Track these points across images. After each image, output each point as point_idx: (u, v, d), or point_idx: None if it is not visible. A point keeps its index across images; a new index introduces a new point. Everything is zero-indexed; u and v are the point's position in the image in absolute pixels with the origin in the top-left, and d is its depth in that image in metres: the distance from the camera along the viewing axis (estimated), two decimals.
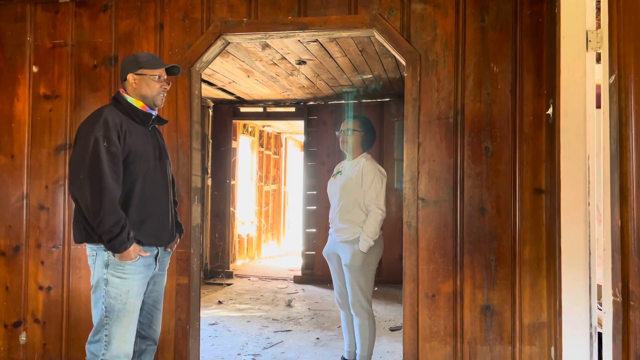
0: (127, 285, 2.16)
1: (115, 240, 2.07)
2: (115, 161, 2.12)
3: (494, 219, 2.67)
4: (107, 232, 2.06)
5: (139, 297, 2.22)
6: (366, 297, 3.07)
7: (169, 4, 2.96)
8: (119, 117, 2.20)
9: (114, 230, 2.06)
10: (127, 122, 2.22)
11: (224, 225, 6.73)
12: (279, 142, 9.56)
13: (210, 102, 6.63)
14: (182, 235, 2.53)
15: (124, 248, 2.09)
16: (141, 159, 2.22)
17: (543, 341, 2.60)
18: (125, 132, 2.17)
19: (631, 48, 1.53)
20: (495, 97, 2.68)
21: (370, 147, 3.28)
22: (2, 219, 3.09)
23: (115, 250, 2.09)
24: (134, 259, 2.15)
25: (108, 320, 2.14)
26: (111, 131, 2.12)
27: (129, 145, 2.17)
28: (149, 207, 2.24)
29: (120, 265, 2.14)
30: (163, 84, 2.31)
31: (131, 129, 2.22)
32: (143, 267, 2.21)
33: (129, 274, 2.16)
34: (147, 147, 2.27)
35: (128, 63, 2.30)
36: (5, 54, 3.11)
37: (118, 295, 2.14)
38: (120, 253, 2.10)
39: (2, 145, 3.10)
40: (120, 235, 2.07)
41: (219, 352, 3.72)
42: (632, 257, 1.51)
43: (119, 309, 2.14)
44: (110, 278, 2.15)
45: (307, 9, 2.82)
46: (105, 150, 2.09)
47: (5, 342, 3.08)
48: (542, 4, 2.63)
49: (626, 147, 1.54)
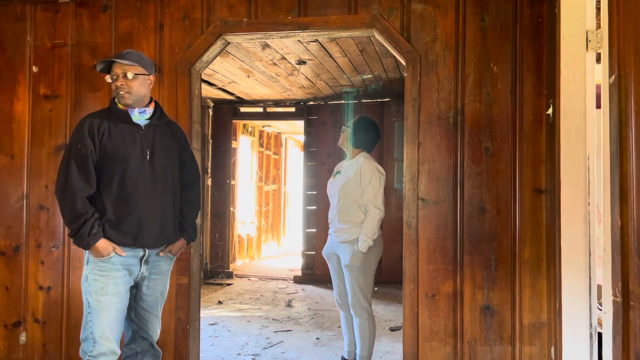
0: (101, 282, 2.18)
1: (76, 235, 2.14)
2: (85, 162, 2.17)
3: (494, 219, 2.67)
4: (70, 229, 2.16)
5: (115, 296, 2.20)
6: (366, 297, 3.07)
7: (169, 4, 2.96)
8: (100, 119, 2.24)
9: (73, 226, 2.14)
10: (111, 122, 2.24)
11: (224, 225, 6.73)
12: (279, 142, 9.56)
13: (210, 102, 6.63)
14: (190, 240, 2.46)
15: (86, 243, 2.13)
16: (119, 159, 2.21)
17: (543, 341, 2.60)
18: (103, 132, 2.21)
19: (631, 48, 1.53)
20: (495, 97, 2.68)
21: (368, 148, 3.24)
22: (2, 219, 3.09)
23: (79, 245, 2.16)
24: (106, 256, 2.17)
25: (90, 317, 2.18)
26: (85, 134, 2.19)
27: (105, 146, 2.21)
28: (127, 207, 2.21)
29: (95, 263, 2.19)
30: (114, 82, 2.26)
31: (112, 129, 2.23)
32: (121, 266, 2.21)
33: (104, 271, 2.19)
34: (129, 147, 2.23)
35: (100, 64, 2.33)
36: (5, 54, 3.11)
37: (93, 291, 2.18)
38: (83, 248, 2.16)
39: (2, 145, 3.10)
40: (80, 230, 2.12)
41: (219, 352, 3.72)
42: (632, 257, 1.51)
43: (94, 306, 2.17)
44: (88, 275, 2.21)
45: (307, 9, 2.82)
46: (76, 152, 2.17)
47: (5, 342, 3.08)
48: (542, 4, 2.63)
49: (626, 147, 1.54)
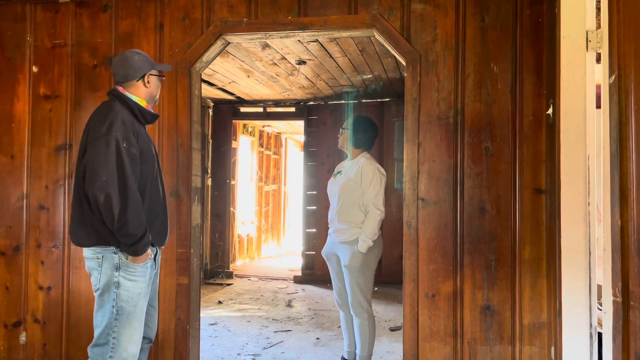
0: (138, 287, 2.15)
1: (139, 244, 2.06)
2: (135, 163, 2.09)
3: (494, 219, 2.67)
4: (130, 235, 2.04)
5: (147, 298, 2.22)
6: (366, 297, 3.07)
7: (169, 4, 2.96)
8: (129, 117, 2.16)
9: (138, 233, 2.04)
10: (135, 122, 2.20)
11: (224, 225, 6.74)
12: (279, 142, 9.56)
13: (210, 102, 6.63)
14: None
15: (144, 251, 2.09)
16: (149, 161, 2.20)
17: (543, 341, 2.60)
18: (136, 133, 2.14)
19: (631, 48, 1.53)
20: (495, 97, 2.68)
21: (368, 147, 3.24)
22: (2, 219, 3.09)
23: (137, 253, 2.08)
24: (146, 261, 2.15)
25: (117, 323, 2.11)
26: (129, 132, 2.09)
27: (140, 147, 2.15)
28: (155, 208, 2.25)
29: (132, 268, 2.12)
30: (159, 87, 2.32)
31: (139, 130, 2.20)
32: (149, 268, 2.21)
33: (139, 276, 2.15)
34: (150, 148, 2.26)
35: (142, 62, 2.24)
36: (5, 54, 3.11)
37: (130, 298, 2.12)
38: (140, 255, 2.09)
39: (2, 145, 3.10)
40: (143, 239, 2.06)
41: (219, 352, 3.72)
42: (632, 257, 1.51)
43: (130, 312, 2.12)
44: (122, 281, 2.11)
45: (307, 9, 2.82)
46: (126, 152, 2.05)
47: (5, 342, 3.08)
48: (542, 4, 2.63)
49: (626, 147, 1.54)
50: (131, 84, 2.25)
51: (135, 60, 2.24)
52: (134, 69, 2.24)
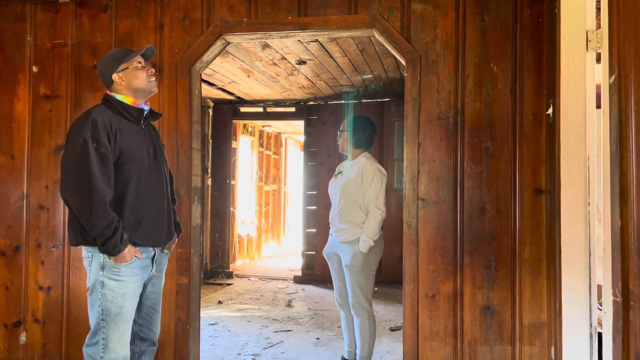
0: (123, 288, 2.13)
1: (108, 243, 2.04)
2: (106, 163, 2.07)
3: (494, 219, 2.67)
4: (99, 235, 2.03)
5: (134, 300, 2.19)
6: (366, 297, 3.07)
7: (169, 4, 2.96)
8: (109, 117, 2.14)
9: (106, 233, 2.03)
10: (118, 121, 2.17)
11: (224, 225, 6.73)
12: (279, 142, 9.56)
13: (210, 102, 6.63)
14: (180, 234, 2.51)
15: (118, 251, 2.06)
16: (134, 159, 2.17)
17: (543, 341, 2.60)
18: (115, 132, 2.12)
19: (631, 48, 1.53)
20: (495, 97, 2.68)
21: (368, 146, 3.24)
22: (2, 219, 3.09)
23: (108, 253, 2.06)
24: (130, 261, 2.12)
25: (104, 323, 2.11)
26: (100, 132, 2.07)
27: (120, 146, 2.12)
28: (144, 207, 2.20)
29: (115, 268, 2.11)
30: (148, 69, 2.26)
31: (122, 128, 2.17)
32: (139, 269, 2.19)
33: (124, 276, 2.13)
34: (140, 146, 2.22)
35: (106, 65, 2.25)
36: (5, 54, 3.11)
37: (114, 298, 2.12)
38: (114, 256, 2.07)
39: (2, 145, 3.10)
40: (112, 238, 2.04)
41: (219, 352, 3.72)
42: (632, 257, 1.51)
43: (116, 313, 2.12)
44: (106, 281, 2.12)
45: (307, 9, 2.82)
46: (95, 152, 2.04)
47: (5, 342, 3.08)
48: (542, 4, 2.63)
49: (626, 147, 1.54)
50: (111, 87, 2.27)
51: (101, 66, 2.28)
52: (102, 74, 2.27)
